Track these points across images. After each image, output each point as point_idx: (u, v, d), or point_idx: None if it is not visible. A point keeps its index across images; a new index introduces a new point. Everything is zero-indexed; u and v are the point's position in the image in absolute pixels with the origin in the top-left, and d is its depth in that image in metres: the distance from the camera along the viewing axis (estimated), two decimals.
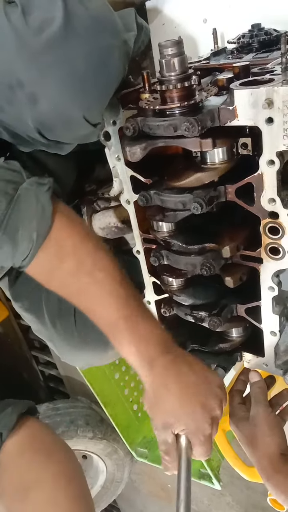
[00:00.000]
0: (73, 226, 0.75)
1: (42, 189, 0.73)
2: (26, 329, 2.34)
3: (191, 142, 0.73)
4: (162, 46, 0.71)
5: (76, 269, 0.73)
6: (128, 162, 0.88)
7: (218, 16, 1.19)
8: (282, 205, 0.74)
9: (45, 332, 1.22)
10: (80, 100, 0.70)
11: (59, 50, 0.67)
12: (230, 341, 0.95)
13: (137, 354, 0.75)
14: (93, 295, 0.74)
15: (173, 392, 0.74)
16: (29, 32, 0.66)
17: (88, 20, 0.69)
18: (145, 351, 0.74)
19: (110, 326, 0.76)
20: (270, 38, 1.02)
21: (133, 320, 0.74)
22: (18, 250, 0.71)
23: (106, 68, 0.71)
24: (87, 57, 0.68)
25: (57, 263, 0.73)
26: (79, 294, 0.75)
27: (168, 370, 0.74)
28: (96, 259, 0.74)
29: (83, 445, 2.06)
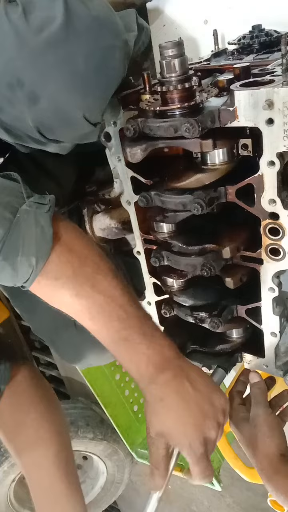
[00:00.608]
0: (74, 248, 0.74)
1: (42, 210, 0.72)
2: (27, 329, 2.34)
3: (192, 143, 0.73)
4: (162, 47, 0.72)
5: (76, 293, 0.73)
6: (128, 163, 0.88)
7: (218, 17, 1.19)
8: (282, 206, 0.74)
9: (45, 333, 1.22)
10: (80, 100, 0.70)
11: (60, 50, 0.67)
12: (230, 342, 0.95)
13: (138, 373, 0.75)
14: (92, 317, 0.74)
15: (170, 406, 0.74)
16: (30, 31, 0.66)
17: (88, 19, 0.69)
18: (145, 370, 0.75)
19: (110, 346, 0.76)
20: (271, 39, 1.03)
21: (134, 340, 0.74)
22: (18, 274, 0.71)
23: (106, 68, 0.71)
24: (87, 56, 0.68)
25: (56, 287, 0.73)
26: (79, 315, 0.76)
27: (167, 385, 0.74)
28: (95, 283, 0.74)
29: (83, 446, 2.06)
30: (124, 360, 0.76)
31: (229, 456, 1.40)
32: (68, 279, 0.72)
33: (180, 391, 0.74)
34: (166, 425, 0.74)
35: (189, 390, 0.75)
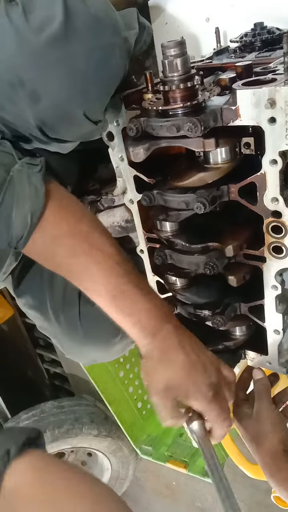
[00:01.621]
0: (68, 207, 0.75)
1: (34, 170, 0.72)
2: (31, 327, 2.35)
3: (194, 142, 0.73)
4: (164, 47, 0.72)
5: (73, 250, 0.74)
6: (131, 162, 0.88)
7: (220, 15, 1.19)
8: (285, 204, 0.74)
9: (49, 328, 1.23)
10: (81, 98, 0.71)
11: (60, 48, 0.67)
12: (233, 339, 0.96)
13: (139, 325, 0.76)
14: (92, 274, 0.75)
15: (175, 358, 0.75)
16: (30, 30, 0.67)
17: (88, 18, 0.69)
18: (147, 322, 0.76)
19: (110, 302, 0.76)
20: (273, 37, 1.02)
21: (134, 294, 0.75)
22: (13, 232, 0.71)
23: (107, 66, 0.72)
24: (88, 55, 0.69)
25: (53, 245, 0.73)
26: (77, 274, 0.76)
27: (170, 337, 0.76)
28: (93, 240, 0.75)
29: (87, 442, 2.07)
30: (124, 315, 0.76)
31: (233, 452, 1.41)
32: (65, 236, 0.73)
33: (182, 343, 0.76)
34: (172, 376, 0.75)
35: (189, 342, 0.77)
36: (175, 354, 0.75)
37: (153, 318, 0.76)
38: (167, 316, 0.78)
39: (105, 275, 0.75)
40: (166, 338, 0.76)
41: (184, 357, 0.75)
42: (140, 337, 0.76)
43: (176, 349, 0.75)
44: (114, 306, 0.76)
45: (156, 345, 0.76)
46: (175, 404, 0.75)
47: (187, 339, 0.78)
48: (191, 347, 0.77)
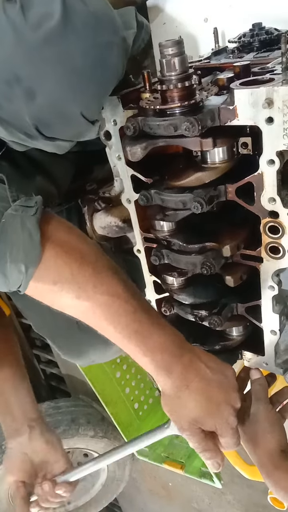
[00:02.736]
0: (70, 250, 0.73)
1: (28, 213, 0.71)
2: (28, 327, 2.34)
3: (192, 141, 0.73)
4: (162, 46, 0.72)
5: (77, 295, 0.72)
6: (128, 162, 0.88)
7: (219, 15, 1.19)
8: (282, 204, 0.74)
9: (46, 329, 1.22)
10: (78, 96, 0.70)
11: (57, 46, 0.67)
12: (230, 339, 0.95)
13: (154, 364, 0.74)
14: (98, 316, 0.73)
15: (196, 391, 0.74)
16: (27, 27, 0.67)
17: (86, 16, 0.69)
18: (161, 360, 0.74)
19: (122, 342, 0.75)
20: (271, 37, 1.03)
21: (145, 332, 0.74)
22: (9, 281, 0.70)
23: (104, 65, 0.71)
24: (85, 53, 0.68)
25: (55, 290, 0.72)
26: (83, 316, 0.75)
27: (187, 371, 0.75)
28: (96, 283, 0.72)
29: (84, 443, 2.07)
30: (138, 353, 0.75)
31: (230, 453, 1.41)
32: (67, 282, 0.71)
33: (201, 374, 0.75)
34: (198, 411, 0.75)
35: (207, 371, 0.76)
36: (195, 388, 0.75)
37: (168, 354, 0.74)
38: (181, 348, 0.76)
39: (113, 318, 0.73)
40: (183, 373, 0.75)
41: (205, 390, 0.75)
42: (157, 374, 0.75)
43: (195, 383, 0.75)
44: (126, 344, 0.75)
45: (174, 382, 0.75)
46: (203, 436, 0.76)
47: (204, 368, 0.76)
48: (210, 376, 0.76)
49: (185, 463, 1.91)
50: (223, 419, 0.75)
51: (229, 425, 0.76)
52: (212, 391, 0.75)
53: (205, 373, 0.76)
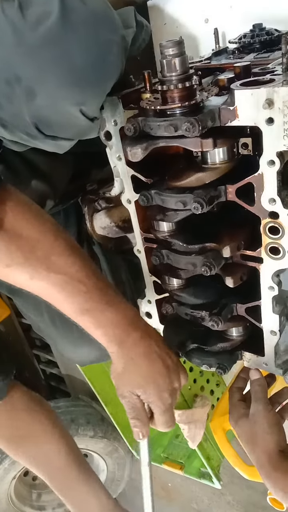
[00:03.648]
0: (22, 236, 0.74)
1: None
2: (28, 327, 2.34)
3: (192, 142, 0.73)
4: (163, 46, 0.72)
5: (31, 276, 0.74)
6: (129, 162, 0.88)
7: (219, 16, 1.19)
8: (282, 205, 0.74)
9: (45, 329, 1.22)
10: (78, 95, 0.71)
11: (56, 45, 0.67)
12: (230, 340, 0.95)
13: (106, 338, 0.81)
14: (54, 297, 0.78)
15: (140, 364, 0.82)
16: (26, 26, 0.67)
17: (85, 14, 0.69)
18: (113, 334, 0.81)
19: (77, 318, 0.80)
20: (272, 38, 1.03)
21: (97, 310, 0.79)
22: None
23: (103, 63, 0.71)
24: (84, 51, 0.68)
25: (9, 273, 0.74)
26: (40, 294, 0.79)
27: (136, 345, 0.82)
28: (50, 265, 0.75)
29: (84, 443, 2.07)
30: (92, 329, 0.81)
31: (229, 454, 1.41)
32: (20, 265, 0.74)
33: (148, 350, 0.83)
34: (138, 380, 0.82)
35: (155, 349, 0.84)
36: (140, 361, 0.82)
37: (119, 329, 0.81)
38: (133, 325, 0.82)
39: (66, 297, 0.77)
40: (132, 346, 0.82)
41: (148, 364, 0.82)
42: (108, 346, 0.82)
43: (141, 357, 0.82)
44: (80, 321, 0.81)
45: (122, 353, 0.82)
46: (142, 405, 0.85)
47: (153, 346, 0.83)
48: (156, 354, 0.83)
49: (185, 464, 1.91)
50: (157, 393, 0.82)
51: (161, 400, 0.83)
52: (155, 366, 0.83)
53: (153, 350, 0.83)
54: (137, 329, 0.83)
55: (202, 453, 1.74)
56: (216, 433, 1.42)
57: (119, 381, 0.85)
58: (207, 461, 1.76)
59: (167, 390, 0.83)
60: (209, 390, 1.86)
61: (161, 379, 0.83)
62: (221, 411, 1.45)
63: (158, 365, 0.83)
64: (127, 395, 0.84)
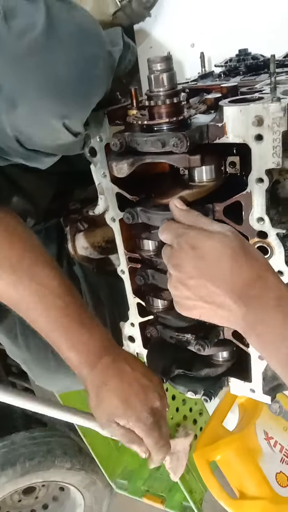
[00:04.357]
0: (11, 246, 0.78)
1: None
2: (4, 354, 2.26)
3: (179, 158, 0.71)
4: (151, 61, 0.71)
5: (13, 284, 0.77)
6: (114, 179, 0.86)
7: (205, 41, 1.21)
8: (270, 224, 0.73)
9: (19, 354, 1.17)
10: (60, 108, 0.69)
11: (41, 55, 0.65)
12: (216, 365, 0.92)
13: (77, 360, 0.79)
14: (32, 307, 0.78)
15: (112, 389, 0.79)
16: (11, 36, 0.65)
17: (71, 27, 0.68)
18: (85, 357, 0.79)
19: (50, 335, 0.80)
20: (257, 63, 1.04)
21: (72, 328, 0.79)
22: None
23: (88, 77, 0.70)
24: (69, 64, 0.67)
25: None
26: (18, 306, 0.79)
27: (107, 369, 0.79)
28: (33, 275, 0.78)
29: (60, 476, 1.97)
30: (62, 348, 0.79)
31: (213, 486, 1.35)
32: (5, 273, 0.76)
33: (121, 373, 0.80)
34: (113, 406, 0.78)
35: (128, 370, 0.80)
36: (114, 385, 0.79)
37: (91, 353, 0.79)
38: (106, 348, 0.81)
39: (43, 310, 0.78)
40: (103, 371, 0.79)
41: (122, 387, 0.79)
42: (79, 370, 0.80)
43: (113, 380, 0.79)
44: (52, 339, 0.80)
45: (93, 378, 0.79)
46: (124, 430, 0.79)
47: (127, 368, 0.81)
48: (130, 376, 0.80)
49: (166, 497, 1.83)
50: (135, 414, 0.78)
51: (141, 420, 0.78)
52: (129, 388, 0.79)
53: (126, 374, 0.80)
54: (110, 352, 0.81)
55: (185, 486, 1.67)
56: (199, 465, 1.36)
57: (97, 411, 0.81)
58: (190, 494, 1.69)
59: (146, 410, 0.79)
60: (192, 419, 1.80)
61: (137, 401, 0.79)
62: (205, 441, 1.40)
63: (133, 387, 0.80)
64: (107, 425, 0.81)
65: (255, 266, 0.61)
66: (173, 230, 0.69)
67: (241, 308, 0.60)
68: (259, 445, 1.42)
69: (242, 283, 0.60)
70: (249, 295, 0.59)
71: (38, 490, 2.07)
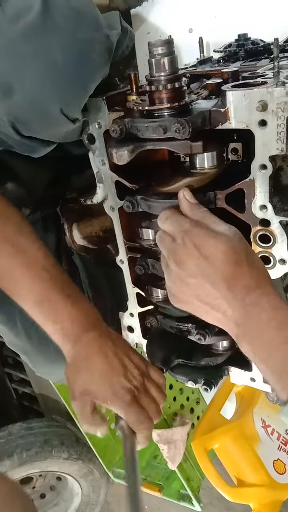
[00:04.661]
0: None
1: None
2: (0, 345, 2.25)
3: (181, 145, 0.70)
4: (152, 45, 0.69)
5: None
6: (113, 167, 0.84)
7: (204, 26, 1.18)
8: (273, 212, 0.72)
9: (19, 344, 1.16)
10: (57, 93, 0.67)
11: (36, 40, 0.63)
12: (216, 355, 0.91)
13: (62, 332, 0.76)
14: (16, 278, 0.75)
15: (95, 363, 0.76)
16: (5, 20, 0.63)
17: (67, 10, 0.66)
18: (70, 329, 0.76)
19: (34, 307, 0.76)
20: (257, 48, 1.02)
21: (58, 300, 0.76)
22: None
23: (86, 61, 0.68)
24: (65, 48, 0.65)
25: None
26: (2, 276, 0.76)
27: (92, 344, 0.76)
28: (18, 242, 0.75)
29: (57, 466, 1.97)
30: (48, 321, 0.76)
31: (211, 474, 1.36)
32: None
33: (103, 349, 0.76)
34: (91, 381, 0.75)
35: (112, 347, 0.77)
36: (95, 359, 0.76)
37: (76, 325, 0.76)
38: (92, 324, 0.78)
39: (29, 280, 0.75)
40: (87, 344, 0.76)
41: (103, 362, 0.76)
42: (63, 343, 0.77)
43: (96, 354, 0.76)
44: (37, 311, 0.76)
45: (77, 351, 0.76)
46: (93, 409, 0.76)
47: (110, 345, 0.77)
48: (113, 352, 0.77)
49: (163, 486, 1.84)
50: (111, 390, 0.74)
51: (117, 396, 0.74)
52: (110, 366, 0.76)
53: (109, 349, 0.77)
54: (96, 328, 0.78)
55: (182, 474, 1.68)
56: (197, 453, 1.36)
57: (71, 380, 0.78)
58: (187, 482, 1.70)
59: (124, 388, 0.76)
60: (189, 408, 1.81)
61: (116, 377, 0.76)
62: (202, 430, 1.40)
63: (114, 363, 0.77)
64: (78, 398, 0.76)
65: (255, 275, 0.62)
66: (178, 223, 0.67)
67: (235, 313, 0.61)
68: (257, 433, 1.43)
69: (241, 289, 0.61)
70: (245, 302, 0.60)
71: (35, 480, 2.08)
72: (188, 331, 0.86)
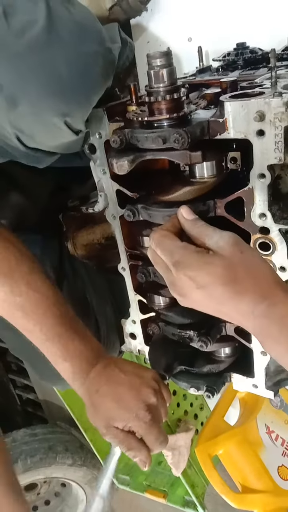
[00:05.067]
0: (9, 248, 0.80)
1: None
2: (3, 351, 2.26)
3: (180, 155, 0.71)
4: (150, 57, 0.70)
5: (10, 290, 0.78)
6: (113, 176, 0.85)
7: (203, 35, 1.19)
8: (273, 220, 0.72)
9: (24, 351, 1.17)
10: (62, 105, 0.68)
11: (41, 53, 0.65)
12: (219, 361, 0.92)
13: (72, 370, 0.81)
14: (26, 314, 0.79)
15: (105, 394, 0.79)
16: (11, 34, 0.64)
17: (71, 24, 0.67)
18: (79, 367, 0.80)
19: (44, 343, 0.80)
20: (255, 57, 1.03)
21: (67, 337, 0.80)
22: None
23: (89, 74, 0.69)
24: (70, 61, 0.66)
25: None
26: (14, 312, 0.80)
27: (99, 377, 0.80)
28: (30, 281, 0.79)
29: (62, 472, 1.98)
30: (59, 357, 0.80)
31: (215, 481, 1.35)
32: (4, 276, 0.77)
33: (111, 378, 0.80)
34: (109, 412, 0.78)
35: (119, 374, 0.81)
36: (105, 390, 0.79)
37: (85, 362, 0.80)
38: (97, 357, 0.82)
39: (40, 316, 0.79)
40: (95, 378, 0.80)
41: (114, 390, 0.79)
42: (73, 381, 0.81)
43: (105, 385, 0.79)
44: (46, 347, 0.81)
45: (87, 388, 0.80)
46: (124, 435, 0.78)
47: (116, 371, 0.81)
48: (121, 378, 0.80)
49: (168, 492, 1.84)
50: (133, 414, 0.77)
51: (139, 419, 0.77)
52: (121, 392, 0.79)
53: (117, 377, 0.80)
54: (99, 360, 0.82)
55: (187, 481, 1.68)
56: (201, 459, 1.36)
57: (95, 419, 0.81)
58: (192, 488, 1.69)
59: (142, 408, 0.78)
60: (192, 414, 1.81)
61: (132, 401, 0.78)
62: (206, 436, 1.40)
63: (124, 388, 0.79)
64: (106, 432, 0.79)
65: (259, 285, 0.59)
66: (168, 252, 0.64)
67: (249, 325, 0.60)
68: (261, 439, 1.43)
69: (247, 304, 0.59)
70: (254, 314, 0.58)
71: (40, 486, 2.08)
72: (190, 338, 0.87)
